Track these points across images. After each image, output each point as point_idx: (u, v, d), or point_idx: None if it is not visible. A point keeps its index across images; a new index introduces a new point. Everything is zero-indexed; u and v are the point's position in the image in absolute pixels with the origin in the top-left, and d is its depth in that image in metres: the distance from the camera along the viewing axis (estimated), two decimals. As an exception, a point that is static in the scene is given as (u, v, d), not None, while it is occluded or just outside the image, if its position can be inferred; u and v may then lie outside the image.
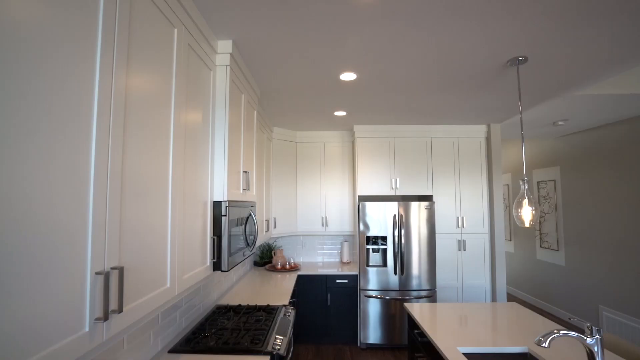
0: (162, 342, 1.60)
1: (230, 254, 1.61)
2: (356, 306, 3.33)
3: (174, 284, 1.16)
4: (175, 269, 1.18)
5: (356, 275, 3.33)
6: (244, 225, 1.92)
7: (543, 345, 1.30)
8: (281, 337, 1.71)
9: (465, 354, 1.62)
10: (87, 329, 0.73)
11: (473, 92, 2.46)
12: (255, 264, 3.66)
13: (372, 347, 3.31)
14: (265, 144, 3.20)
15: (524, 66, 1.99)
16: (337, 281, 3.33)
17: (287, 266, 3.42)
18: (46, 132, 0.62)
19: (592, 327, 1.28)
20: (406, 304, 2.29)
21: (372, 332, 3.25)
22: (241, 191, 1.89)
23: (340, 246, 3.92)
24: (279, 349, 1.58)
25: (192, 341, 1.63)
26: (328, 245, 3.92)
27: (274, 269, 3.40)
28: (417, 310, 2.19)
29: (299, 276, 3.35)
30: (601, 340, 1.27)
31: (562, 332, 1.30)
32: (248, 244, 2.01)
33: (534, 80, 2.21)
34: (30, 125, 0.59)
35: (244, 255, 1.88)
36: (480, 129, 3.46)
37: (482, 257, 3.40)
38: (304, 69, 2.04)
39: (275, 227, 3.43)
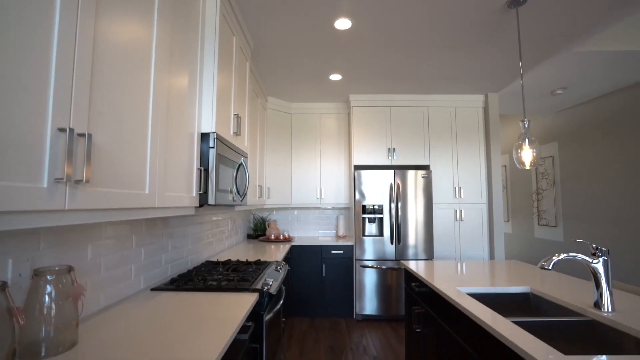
0: (145, 281, 1.52)
1: (218, 190, 1.54)
2: (352, 277, 3.25)
3: (154, 194, 1.09)
4: (156, 179, 1.10)
5: (352, 246, 3.26)
6: (235, 171, 1.84)
7: (547, 267, 1.24)
8: (271, 279, 1.63)
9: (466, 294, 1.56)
10: (45, 184, 0.66)
11: (472, 46, 2.40)
12: (249, 236, 3.57)
13: (368, 319, 3.23)
14: (260, 112, 3.13)
15: (524, 10, 1.94)
16: (333, 252, 3.26)
17: (281, 237, 3.34)
18: None
19: (598, 248, 1.21)
20: (403, 261, 2.22)
21: (369, 303, 3.17)
22: (231, 133, 1.82)
23: (335, 221, 3.85)
24: (268, 288, 1.50)
25: (176, 282, 1.55)
26: (323, 220, 3.85)
27: (267, 240, 3.32)
28: (414, 264, 2.12)
29: (293, 247, 3.28)
30: (607, 261, 1.20)
31: (563, 254, 1.24)
32: (239, 193, 1.93)
33: (533, 30, 2.15)
34: None
35: (233, 201, 1.81)
36: (477, 99, 3.41)
37: (480, 227, 3.34)
38: (297, 17, 1.97)
39: (269, 197, 3.35)
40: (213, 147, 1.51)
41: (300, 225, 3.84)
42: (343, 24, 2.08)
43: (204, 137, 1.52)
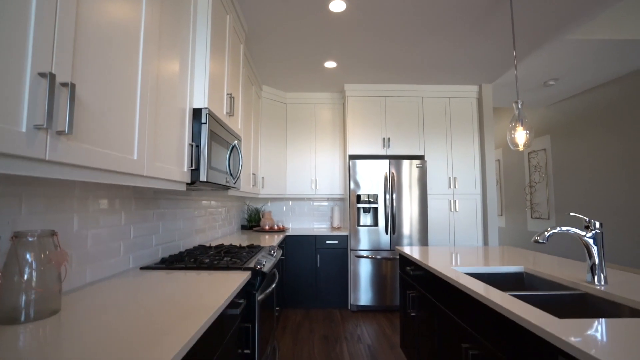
0: (134, 261, 1.48)
1: (210, 167, 1.51)
2: (347, 268, 3.24)
3: (142, 162, 1.05)
4: (145, 146, 1.07)
5: (347, 236, 3.25)
6: (228, 153, 1.81)
7: (540, 240, 1.23)
8: (265, 260, 1.60)
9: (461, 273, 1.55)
10: (23, 129, 0.63)
11: (465, 32, 2.40)
12: (243, 227, 3.54)
13: (363, 310, 3.22)
14: (254, 100, 3.10)
15: (518, -6, 1.94)
16: (327, 242, 3.23)
17: (276, 227, 3.31)
18: None
19: (590, 222, 1.21)
20: (398, 247, 2.21)
21: (363, 293, 3.16)
22: (225, 112, 1.79)
23: (330, 212, 3.83)
24: (261, 267, 1.47)
25: (167, 261, 1.52)
26: (318, 211, 3.83)
27: (261, 230, 3.29)
28: (408, 249, 2.11)
29: (288, 237, 3.25)
30: (599, 234, 1.20)
31: (557, 228, 1.24)
32: (232, 175, 1.90)
33: (525, 16, 2.16)
34: None
35: (226, 182, 1.78)
36: (471, 90, 3.42)
37: (474, 218, 3.35)
38: (292, -6, 1.95)
39: (263, 187, 3.32)
40: (205, 123, 1.48)
41: (295, 217, 3.82)
42: (338, 5, 2.06)
43: (196, 113, 1.49)
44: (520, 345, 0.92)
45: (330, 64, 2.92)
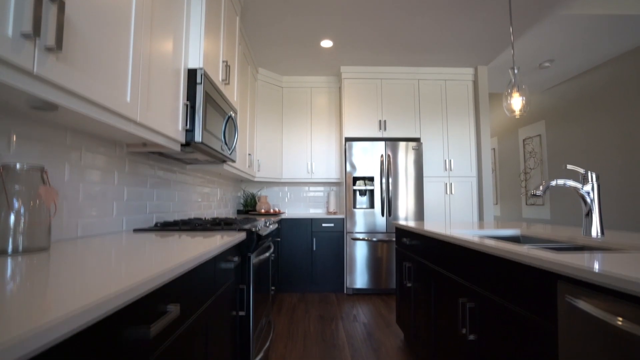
0: (127, 224, 1.45)
1: (205, 129, 1.49)
2: (343, 251, 3.23)
3: (136, 106, 1.03)
4: (138, 90, 1.05)
5: (342, 219, 3.23)
6: (224, 123, 1.79)
7: (538, 193, 1.23)
8: (260, 226, 1.59)
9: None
10: (9, 33, 0.61)
11: (458, 11, 2.40)
12: (239, 212, 3.51)
13: (358, 293, 3.21)
14: (251, 82, 3.08)
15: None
16: (323, 225, 3.22)
17: (272, 211, 3.29)
18: None
19: (588, 173, 1.22)
20: (394, 222, 2.21)
21: (359, 276, 3.15)
22: (220, 79, 1.77)
23: (326, 197, 3.82)
24: (257, 230, 1.46)
25: (161, 225, 1.50)
26: (314, 196, 3.81)
27: (257, 214, 3.27)
28: (404, 222, 2.11)
29: (284, 220, 3.23)
30: (597, 187, 1.21)
31: (554, 181, 1.24)
32: (227, 145, 1.88)
33: (522, -9, 2.17)
34: None
35: (221, 149, 1.75)
36: (467, 72, 3.43)
37: (469, 201, 3.36)
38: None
39: (259, 170, 3.30)
40: (200, 84, 1.46)
41: (291, 203, 3.80)
42: (334, -22, 2.05)
43: (191, 73, 1.47)
44: (519, 285, 0.91)
45: (326, 43, 2.91)
